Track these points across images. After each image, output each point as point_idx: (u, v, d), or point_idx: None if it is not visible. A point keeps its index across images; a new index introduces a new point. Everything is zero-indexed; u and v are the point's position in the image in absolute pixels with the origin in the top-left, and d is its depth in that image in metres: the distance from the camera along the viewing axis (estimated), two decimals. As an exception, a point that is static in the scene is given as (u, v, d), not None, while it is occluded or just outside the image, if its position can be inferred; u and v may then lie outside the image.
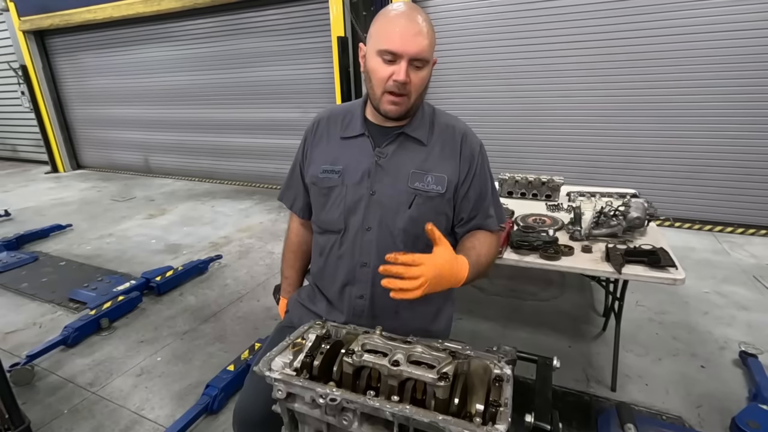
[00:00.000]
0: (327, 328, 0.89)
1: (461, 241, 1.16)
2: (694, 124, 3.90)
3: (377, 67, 1.03)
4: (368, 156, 1.14)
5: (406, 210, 1.12)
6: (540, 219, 2.38)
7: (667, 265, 1.78)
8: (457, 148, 1.15)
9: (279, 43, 5.60)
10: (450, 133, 1.17)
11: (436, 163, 1.14)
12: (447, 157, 1.14)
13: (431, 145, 1.15)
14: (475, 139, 1.19)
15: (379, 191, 1.13)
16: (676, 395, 2.04)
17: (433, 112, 1.20)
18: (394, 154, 1.14)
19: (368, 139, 1.15)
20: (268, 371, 0.73)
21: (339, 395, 0.68)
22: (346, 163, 1.16)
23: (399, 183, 1.12)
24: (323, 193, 1.19)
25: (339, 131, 1.20)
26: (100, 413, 2.05)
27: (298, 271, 1.40)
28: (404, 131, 1.14)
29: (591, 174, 4.27)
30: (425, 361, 0.75)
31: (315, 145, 1.23)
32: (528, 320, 2.68)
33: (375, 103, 1.09)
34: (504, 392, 0.69)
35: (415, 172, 1.13)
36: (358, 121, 1.17)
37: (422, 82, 1.06)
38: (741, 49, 3.60)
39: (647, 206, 2.17)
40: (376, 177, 1.13)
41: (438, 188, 1.12)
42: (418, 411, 0.65)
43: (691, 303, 2.82)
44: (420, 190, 1.12)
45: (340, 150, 1.18)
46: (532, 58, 4.30)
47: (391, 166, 1.13)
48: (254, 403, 1.05)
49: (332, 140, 1.21)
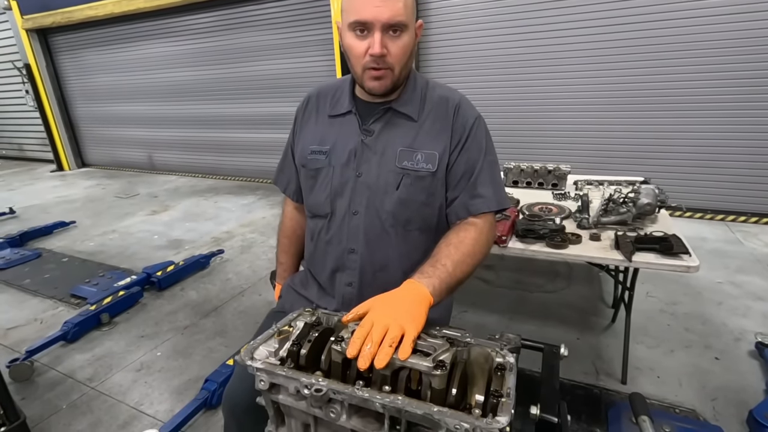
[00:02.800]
0: (317, 315, 0.83)
1: (438, 243, 0.99)
2: (705, 110, 3.78)
3: (352, 42, 0.95)
4: (355, 135, 1.07)
5: (394, 192, 1.04)
6: (546, 208, 2.30)
7: (680, 252, 1.70)
8: (449, 122, 1.06)
9: (280, 36, 5.54)
10: (443, 105, 1.08)
11: (426, 139, 1.05)
12: (438, 132, 1.06)
13: (422, 120, 1.07)
14: (470, 111, 1.09)
15: (366, 172, 1.05)
16: (689, 388, 1.97)
17: (427, 85, 1.11)
18: (382, 132, 1.06)
19: (355, 116, 1.08)
20: (250, 360, 0.67)
21: (325, 385, 0.62)
22: (334, 143, 1.09)
23: (386, 163, 1.05)
24: (311, 175, 1.12)
25: (328, 109, 1.13)
26: (99, 408, 2.02)
27: (292, 256, 1.34)
28: (392, 107, 1.06)
29: (598, 163, 4.17)
30: (420, 348, 0.69)
31: (304, 124, 1.17)
32: (535, 312, 2.62)
33: (359, 82, 1.02)
34: (506, 382, 0.63)
35: (404, 151, 1.04)
36: (346, 98, 1.10)
37: (403, 51, 0.96)
38: (757, 32, 3.48)
39: (658, 193, 2.09)
40: (362, 157, 1.06)
41: (428, 167, 1.03)
42: (411, 402, 0.59)
43: (704, 293, 2.73)
44: (408, 170, 1.03)
45: (328, 129, 1.12)
46: (537, 46, 4.20)
47: (378, 145, 1.06)
48: (244, 390, 1.00)
49: (321, 119, 1.14)
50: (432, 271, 0.90)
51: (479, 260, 0.99)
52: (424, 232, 1.09)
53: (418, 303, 0.80)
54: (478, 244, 0.99)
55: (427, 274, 0.89)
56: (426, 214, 1.07)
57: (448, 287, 0.90)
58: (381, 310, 0.75)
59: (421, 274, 0.89)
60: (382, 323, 0.71)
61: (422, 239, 1.09)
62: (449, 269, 0.91)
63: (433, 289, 0.85)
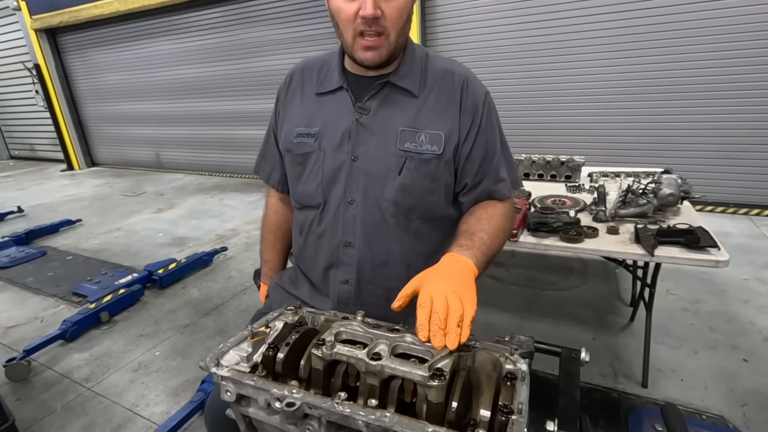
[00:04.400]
0: (301, 314, 0.73)
1: (464, 219, 0.95)
2: (727, 98, 3.59)
3: (340, 4, 0.83)
4: (348, 114, 0.95)
5: (396, 177, 0.93)
6: (560, 200, 2.18)
7: (707, 246, 1.57)
8: (456, 98, 0.94)
9: (285, 31, 5.47)
10: (448, 80, 0.96)
11: (430, 117, 0.93)
12: (444, 109, 0.94)
13: (424, 96, 0.95)
14: (479, 86, 0.97)
15: (363, 156, 0.94)
16: (716, 392, 1.83)
17: (426, 56, 0.99)
18: (379, 110, 0.94)
19: (347, 92, 0.96)
20: (215, 367, 0.57)
21: (299, 398, 0.52)
22: (324, 124, 0.97)
23: (386, 145, 0.93)
24: (298, 161, 1.01)
25: (314, 86, 1.01)
26: (93, 410, 1.95)
27: (278, 253, 1.22)
28: (390, 80, 0.94)
29: (614, 155, 4.01)
30: (415, 353, 0.59)
31: (288, 104, 1.05)
32: (548, 311, 2.49)
33: (349, 52, 0.90)
34: (518, 394, 0.53)
35: (405, 131, 0.92)
36: (336, 73, 0.98)
37: (400, 12, 0.84)
38: (781, 14, 3.29)
39: (681, 183, 1.95)
40: (358, 139, 0.94)
41: (433, 148, 0.92)
42: (401, 420, 0.49)
43: (728, 291, 2.57)
44: (411, 152, 0.92)
45: (316, 109, 1.00)
46: (549, 34, 4.05)
47: (375, 125, 0.94)
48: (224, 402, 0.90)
49: (307, 97, 1.02)
50: (470, 243, 0.83)
51: (507, 237, 0.95)
52: (426, 222, 0.98)
53: (467, 275, 0.75)
54: (507, 221, 0.95)
55: (466, 246, 0.82)
56: (430, 202, 0.96)
57: (487, 260, 0.84)
58: (435, 282, 0.70)
59: (460, 246, 0.82)
60: (442, 296, 0.66)
61: (425, 230, 0.99)
62: (487, 242, 0.85)
63: (476, 261, 0.79)
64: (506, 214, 0.96)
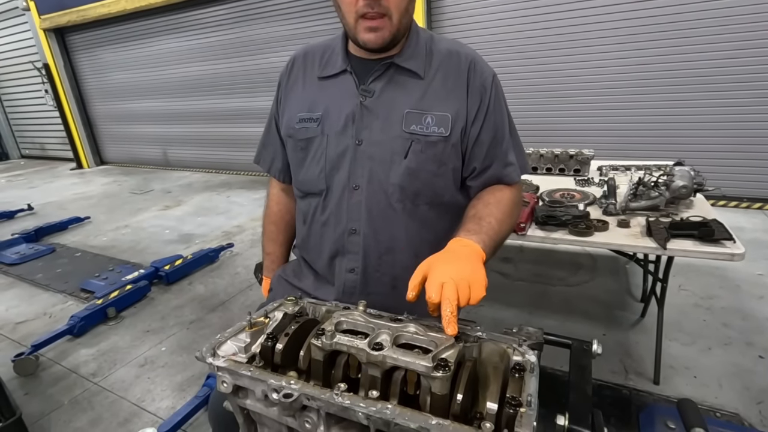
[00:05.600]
0: (302, 305, 0.71)
1: (472, 203, 0.93)
2: (739, 90, 3.51)
3: None
4: (352, 97, 0.93)
5: (402, 161, 0.90)
6: (568, 194, 2.13)
7: (722, 239, 1.52)
8: (463, 79, 0.91)
9: (291, 27, 5.45)
10: (454, 61, 0.93)
11: (436, 99, 0.90)
12: (450, 91, 0.91)
13: (430, 78, 0.92)
14: (486, 68, 0.95)
15: (367, 140, 0.91)
16: (730, 389, 1.78)
17: (431, 38, 0.96)
18: (384, 92, 0.92)
19: (351, 75, 0.94)
20: (211, 357, 0.55)
21: (296, 390, 0.50)
22: (326, 109, 0.95)
23: (391, 127, 0.90)
24: (300, 146, 0.98)
25: (317, 70, 0.99)
26: (100, 405, 1.96)
27: (281, 245, 1.20)
28: (394, 61, 0.91)
29: (623, 148, 3.94)
30: (419, 344, 0.57)
31: (290, 90, 1.03)
32: (556, 307, 2.45)
33: (351, 35, 0.88)
34: (527, 386, 0.50)
35: (411, 113, 0.90)
36: (339, 56, 0.96)
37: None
38: (797, 3, 3.20)
39: (694, 175, 1.90)
40: (362, 122, 0.91)
41: (440, 130, 0.89)
42: (403, 412, 0.46)
43: (742, 287, 2.51)
44: (418, 135, 0.89)
45: (319, 93, 0.97)
46: (556, 27, 3.98)
47: (380, 107, 0.91)
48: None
49: (309, 82, 1.00)
50: (477, 228, 0.82)
51: (515, 222, 0.93)
52: (434, 208, 0.95)
53: (475, 260, 0.73)
54: (515, 206, 0.94)
55: (474, 230, 0.81)
56: (437, 186, 0.94)
57: (495, 245, 0.83)
58: (442, 268, 0.69)
59: (467, 231, 0.81)
60: (450, 280, 0.65)
61: (432, 216, 0.96)
62: (495, 227, 0.84)
63: (484, 245, 0.78)
64: (514, 199, 0.95)
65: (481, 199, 0.92)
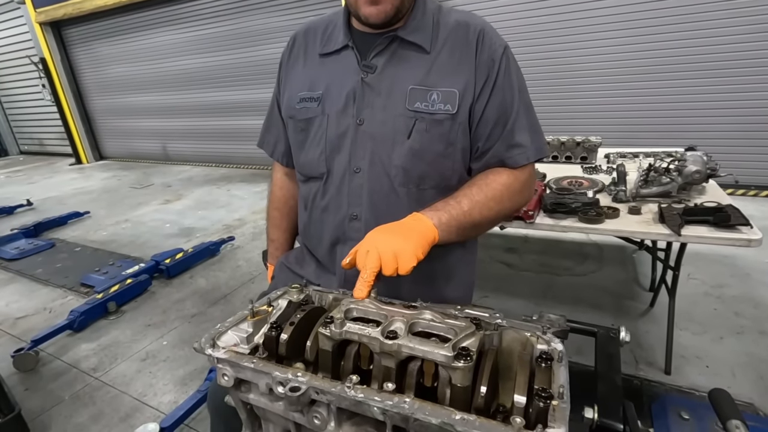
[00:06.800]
0: (307, 292, 0.67)
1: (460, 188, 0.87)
2: (749, 75, 3.43)
3: None
4: (353, 73, 0.87)
5: (405, 141, 0.84)
6: (576, 181, 2.08)
7: (738, 224, 1.47)
8: (471, 51, 0.85)
9: (290, 17, 5.37)
10: (462, 32, 0.87)
11: (443, 74, 0.84)
12: (458, 64, 0.85)
13: (436, 52, 0.86)
14: (497, 39, 0.88)
15: (369, 119, 0.86)
16: (744, 379, 1.74)
17: (439, 9, 0.90)
18: (386, 68, 0.86)
19: (353, 51, 0.88)
20: (210, 348, 0.51)
21: (304, 383, 0.45)
22: (327, 87, 0.89)
23: (394, 105, 0.84)
24: (301, 127, 0.93)
25: (318, 47, 0.93)
26: (101, 400, 1.93)
27: (285, 231, 1.15)
28: (398, 35, 0.86)
29: (630, 136, 3.86)
30: (436, 332, 0.52)
31: (290, 69, 0.98)
32: (563, 297, 2.41)
33: (353, 9, 0.82)
34: (556, 377, 0.45)
35: (416, 89, 0.84)
36: (341, 31, 0.90)
37: None
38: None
39: (707, 160, 1.85)
40: (363, 100, 0.86)
41: (447, 108, 0.83)
42: (423, 406, 0.42)
43: (753, 275, 2.47)
44: (422, 113, 0.83)
45: (320, 70, 0.92)
46: (561, 12, 3.90)
47: (382, 84, 0.85)
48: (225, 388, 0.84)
49: (310, 59, 0.94)
50: (442, 205, 0.80)
51: (508, 209, 0.87)
52: (441, 192, 0.88)
53: (416, 234, 0.72)
54: (509, 191, 0.86)
55: (436, 208, 0.80)
56: (444, 169, 0.88)
57: (458, 226, 0.79)
58: (374, 237, 0.72)
59: (430, 208, 0.80)
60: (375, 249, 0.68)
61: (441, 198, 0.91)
62: (464, 207, 0.80)
63: (438, 222, 0.76)
64: (511, 184, 0.87)
65: (471, 180, 0.88)
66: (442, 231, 0.76)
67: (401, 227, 0.74)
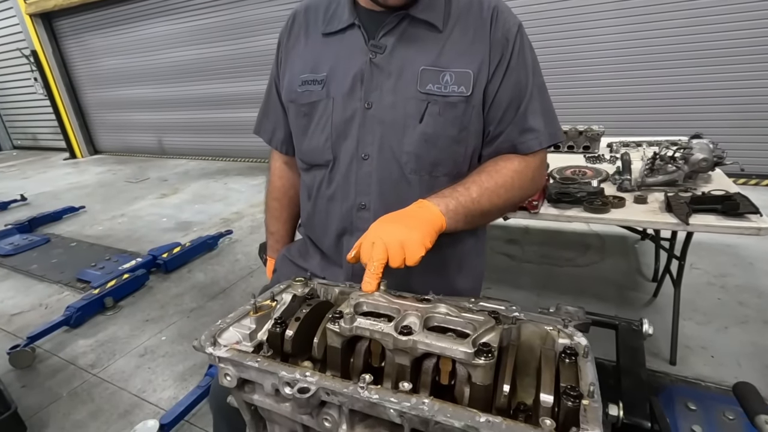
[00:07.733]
0: (312, 286, 0.63)
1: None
2: (752, 62, 3.39)
3: None
4: (360, 54, 0.82)
5: (416, 125, 0.80)
6: (580, 171, 2.05)
7: (747, 212, 1.45)
8: (486, 30, 0.81)
9: (285, 7, 5.27)
10: (475, 9, 0.82)
11: (456, 54, 0.80)
12: (472, 44, 0.81)
13: (448, 30, 0.81)
14: (511, 17, 0.84)
15: (378, 102, 0.81)
16: (750, 369, 1.73)
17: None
18: (396, 48, 0.81)
19: (359, 30, 0.83)
20: (211, 347, 0.47)
21: (314, 383, 0.42)
22: (332, 68, 0.85)
23: (404, 88, 0.80)
24: (303, 112, 0.88)
25: (321, 26, 0.88)
26: (100, 396, 1.90)
27: (285, 223, 1.10)
28: (409, 13, 0.81)
29: (632, 126, 3.82)
30: (452, 326, 0.49)
31: (291, 49, 0.92)
32: (565, 288, 2.39)
33: None
34: (584, 374, 0.42)
35: (427, 70, 0.79)
36: (346, 8, 0.85)
37: None
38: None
39: (713, 148, 1.81)
40: (371, 83, 0.81)
41: (461, 90, 0.79)
42: (443, 407, 0.39)
43: (756, 264, 2.45)
44: (435, 95, 0.79)
45: (323, 51, 0.87)
46: (559, 1, 3.84)
47: (392, 65, 0.81)
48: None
49: (312, 39, 0.89)
50: (450, 192, 0.76)
51: (518, 197, 0.84)
52: (454, 180, 0.84)
53: (423, 222, 0.69)
54: (519, 178, 0.82)
55: (443, 194, 0.76)
56: (457, 155, 0.84)
57: (466, 213, 0.75)
58: (379, 227, 0.69)
59: (437, 195, 0.76)
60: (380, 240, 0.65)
61: None
62: (472, 194, 0.76)
63: (445, 209, 0.72)
64: (523, 170, 0.83)
65: (480, 166, 0.83)
66: (449, 219, 0.72)
67: (407, 215, 0.71)
